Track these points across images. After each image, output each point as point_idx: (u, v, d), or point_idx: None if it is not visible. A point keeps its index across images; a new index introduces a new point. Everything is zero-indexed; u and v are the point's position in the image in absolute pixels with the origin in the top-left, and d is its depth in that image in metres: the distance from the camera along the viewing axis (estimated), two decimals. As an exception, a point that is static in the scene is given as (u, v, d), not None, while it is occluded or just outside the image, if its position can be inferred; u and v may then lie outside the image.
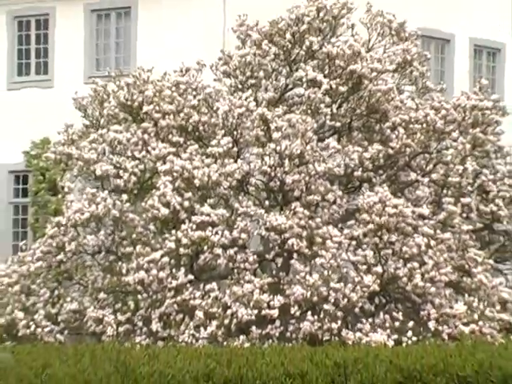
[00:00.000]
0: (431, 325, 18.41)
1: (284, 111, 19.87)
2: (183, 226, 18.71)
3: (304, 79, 20.43)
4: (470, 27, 35.24)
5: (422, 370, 6.67)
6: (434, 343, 12.81)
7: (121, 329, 18.74)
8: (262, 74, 20.91)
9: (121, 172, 19.71)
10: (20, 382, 7.53)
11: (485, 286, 19.14)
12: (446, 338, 17.72)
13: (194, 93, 20.30)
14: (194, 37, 28.10)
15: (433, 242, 18.82)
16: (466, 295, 19.07)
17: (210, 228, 18.68)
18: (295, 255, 18.74)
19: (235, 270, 18.85)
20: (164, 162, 19.39)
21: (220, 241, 18.65)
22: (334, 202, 19.56)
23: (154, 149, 19.72)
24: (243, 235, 18.78)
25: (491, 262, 19.93)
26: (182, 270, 18.70)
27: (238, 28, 21.29)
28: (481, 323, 18.52)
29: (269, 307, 18.16)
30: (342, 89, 20.31)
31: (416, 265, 18.58)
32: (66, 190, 20.83)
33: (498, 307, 19.16)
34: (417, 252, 18.64)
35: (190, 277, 18.70)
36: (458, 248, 19.42)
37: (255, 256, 19.04)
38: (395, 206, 18.73)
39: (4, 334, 19.56)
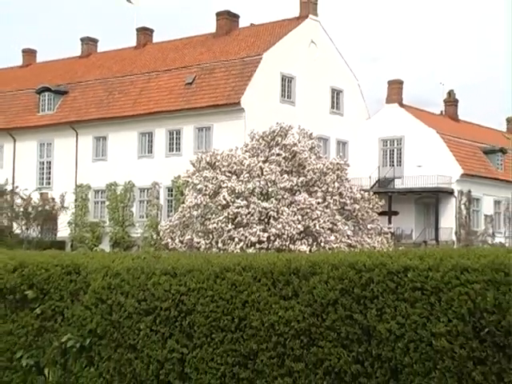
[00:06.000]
0: (322, 244, 17.99)
1: (268, 164, 19.43)
2: (230, 208, 18.23)
3: (275, 153, 19.98)
4: (336, 133, 35.16)
5: (319, 261, 6.23)
6: (324, 251, 12.46)
7: (207, 246, 18.38)
8: (259, 151, 20.39)
9: (206, 187, 19.37)
10: (164, 264, 7.11)
11: (342, 230, 18.70)
12: (328, 250, 17.37)
13: (234, 158, 19.98)
14: (233, 138, 27.54)
15: (323, 213, 18.40)
16: (335, 233, 18.70)
17: (240, 208, 18.25)
18: (272, 218, 18.33)
19: (249, 223, 18.48)
20: (223, 183, 18.95)
21: (244, 212, 18.27)
22: (286, 199, 19.17)
23: (219, 178, 19.34)
24: (252, 210, 18.37)
25: (343, 220, 19.43)
26: (230, 223, 18.26)
27: (250, 134, 20.93)
28: (340, 244, 18.15)
29: (262, 237, 17.82)
30: (289, 156, 19.84)
31: (316, 221, 18.16)
32: (185, 194, 20.44)
33: (347, 237, 18.80)
34: (316, 217, 18.22)
35: (232, 226, 18.27)
36: (332, 215, 18.99)
37: (256, 218, 18.67)
38: (309, 201, 18.37)
39: (164, 248, 19.34)
